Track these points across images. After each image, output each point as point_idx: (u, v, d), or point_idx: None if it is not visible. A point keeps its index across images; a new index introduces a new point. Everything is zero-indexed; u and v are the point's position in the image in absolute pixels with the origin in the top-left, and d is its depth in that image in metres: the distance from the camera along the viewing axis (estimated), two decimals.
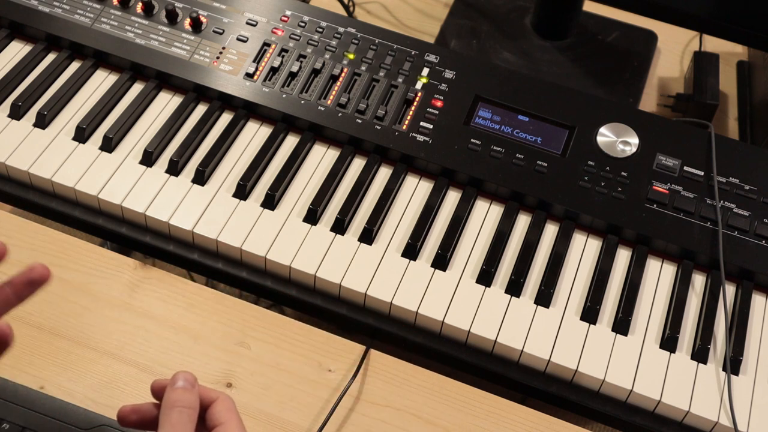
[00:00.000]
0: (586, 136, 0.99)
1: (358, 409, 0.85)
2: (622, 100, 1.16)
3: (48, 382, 0.84)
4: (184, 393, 0.63)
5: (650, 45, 1.24)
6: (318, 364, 0.87)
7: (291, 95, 1.01)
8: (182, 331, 0.89)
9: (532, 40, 1.22)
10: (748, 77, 1.25)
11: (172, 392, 0.62)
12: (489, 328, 0.87)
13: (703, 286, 0.93)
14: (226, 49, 1.04)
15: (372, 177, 0.98)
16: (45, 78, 1.03)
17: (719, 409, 0.84)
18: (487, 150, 0.98)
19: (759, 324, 0.90)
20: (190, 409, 0.62)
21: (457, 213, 0.95)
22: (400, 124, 0.99)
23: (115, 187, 0.94)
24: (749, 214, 0.94)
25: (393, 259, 0.91)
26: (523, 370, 0.87)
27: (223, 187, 0.96)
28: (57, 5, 1.07)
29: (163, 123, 1.00)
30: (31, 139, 0.98)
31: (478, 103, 1.01)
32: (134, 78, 1.05)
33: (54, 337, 0.87)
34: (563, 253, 0.93)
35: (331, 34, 1.06)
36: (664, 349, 0.87)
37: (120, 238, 0.95)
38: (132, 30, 1.05)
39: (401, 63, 1.04)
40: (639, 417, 0.85)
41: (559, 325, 0.88)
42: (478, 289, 0.90)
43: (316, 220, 0.94)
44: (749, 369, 0.87)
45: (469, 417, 0.85)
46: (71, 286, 0.91)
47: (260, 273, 0.92)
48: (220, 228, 0.92)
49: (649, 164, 0.97)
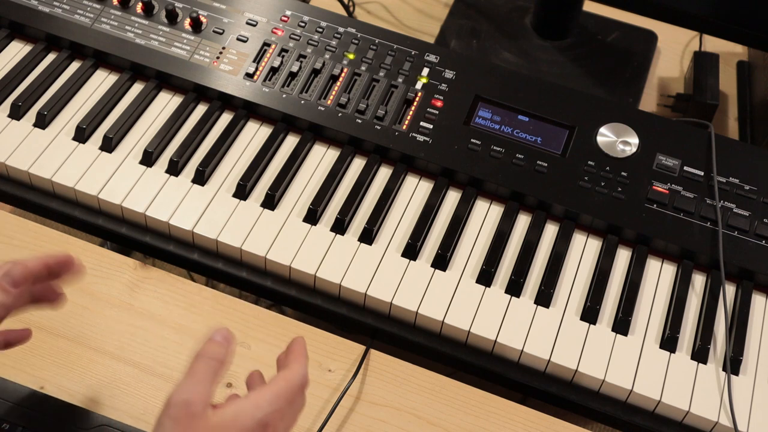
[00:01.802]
0: (586, 136, 0.99)
1: (358, 409, 0.85)
2: (622, 100, 1.16)
3: (48, 382, 0.84)
4: (215, 345, 0.63)
5: (650, 45, 1.24)
6: (318, 364, 0.87)
7: (291, 95, 1.01)
8: (182, 331, 0.89)
9: (532, 40, 1.22)
10: (748, 77, 1.25)
11: (206, 344, 0.63)
12: (489, 328, 0.87)
13: (703, 286, 0.93)
14: (226, 49, 1.04)
15: (372, 177, 0.98)
16: (45, 78, 1.03)
17: (719, 409, 0.84)
18: (487, 150, 0.98)
19: (759, 324, 0.90)
20: (216, 361, 0.62)
21: (457, 213, 0.95)
22: (400, 124, 0.99)
23: (115, 187, 0.94)
24: (749, 214, 0.94)
25: (393, 259, 0.91)
26: (523, 370, 0.87)
27: (223, 187, 0.96)
28: (57, 5, 1.07)
29: (163, 123, 1.00)
30: (31, 139, 0.98)
31: (478, 103, 1.01)
32: (134, 78, 1.05)
33: (54, 337, 0.87)
34: (563, 253, 0.93)
35: (331, 34, 1.06)
36: (664, 349, 0.87)
37: (120, 238, 0.95)
38: (132, 30, 1.05)
39: (401, 63, 1.04)
40: (639, 417, 0.85)
41: (559, 325, 0.88)
42: (478, 289, 0.90)
43: (316, 220, 0.94)
44: (749, 369, 0.87)
45: (469, 417, 0.85)
46: (71, 286, 0.91)
47: (260, 273, 0.92)
48: (220, 228, 0.92)
49: (649, 164, 0.97)
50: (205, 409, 0.59)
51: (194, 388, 0.60)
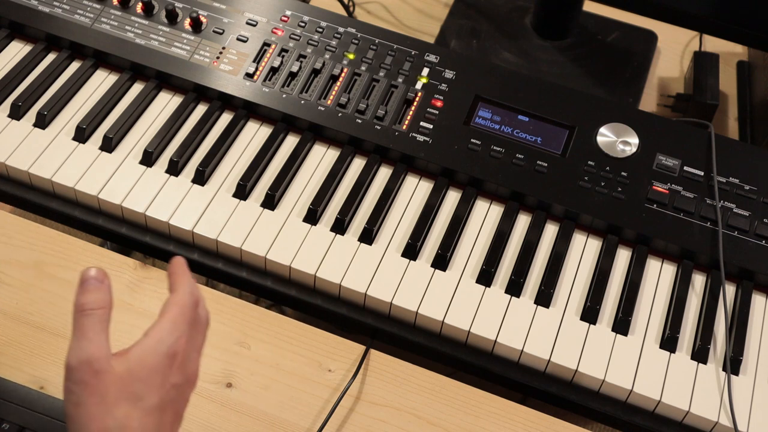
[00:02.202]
0: (586, 136, 0.99)
1: (358, 409, 0.85)
2: (622, 100, 1.16)
3: (48, 382, 0.84)
4: (93, 293, 0.60)
5: (650, 45, 1.24)
6: (318, 364, 0.87)
7: (291, 95, 1.01)
8: None
9: (532, 40, 1.22)
10: (748, 77, 1.25)
11: (82, 294, 0.60)
12: (489, 328, 0.87)
13: (703, 286, 0.93)
14: (226, 49, 1.04)
15: (372, 177, 0.98)
16: (45, 78, 1.03)
17: (719, 409, 0.84)
18: (487, 150, 0.98)
19: (759, 324, 0.90)
20: (100, 309, 0.59)
21: (457, 213, 0.95)
22: (400, 124, 0.99)
23: (115, 187, 0.94)
24: (749, 214, 0.94)
25: (393, 259, 0.91)
26: (523, 370, 0.87)
27: (223, 187, 0.96)
28: (57, 5, 1.07)
29: (163, 123, 1.00)
30: (31, 139, 0.98)
31: (478, 103, 1.01)
32: (134, 78, 1.05)
33: (54, 337, 0.87)
34: (563, 253, 0.93)
35: (331, 34, 1.06)
36: (664, 349, 0.87)
37: (120, 238, 0.95)
38: (132, 30, 1.05)
39: (401, 63, 1.04)
40: (639, 417, 0.85)
41: (559, 325, 0.88)
42: (478, 289, 0.90)
43: (316, 220, 0.94)
44: (749, 369, 0.87)
45: (469, 417, 0.85)
46: (71, 286, 0.90)
47: (260, 273, 0.92)
48: (220, 228, 0.92)
49: (649, 164, 0.97)
50: (108, 361, 0.58)
51: (89, 345, 0.58)
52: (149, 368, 0.59)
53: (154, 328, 0.61)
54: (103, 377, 0.57)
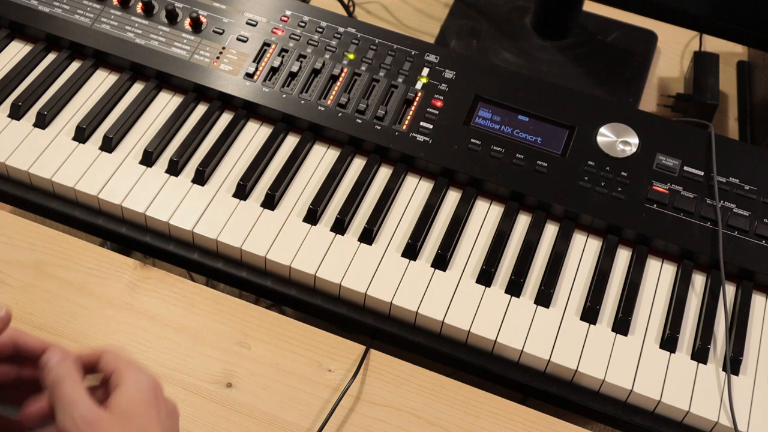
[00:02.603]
0: (586, 136, 0.99)
1: (358, 409, 0.85)
2: (622, 100, 1.16)
3: None
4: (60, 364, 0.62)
5: (650, 45, 1.24)
6: (318, 364, 0.87)
7: (291, 95, 1.01)
8: (182, 331, 0.89)
9: (532, 40, 1.22)
10: (748, 77, 1.25)
11: (49, 373, 0.62)
12: (489, 328, 0.87)
13: (703, 286, 0.93)
14: (226, 49, 1.04)
15: (372, 177, 0.98)
16: (45, 78, 1.03)
17: (719, 409, 0.84)
18: (487, 150, 0.98)
19: (759, 324, 0.90)
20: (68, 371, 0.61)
21: (457, 213, 0.95)
22: (400, 124, 0.99)
23: (115, 187, 0.94)
24: (749, 214, 0.94)
25: (393, 259, 0.91)
26: (523, 370, 0.87)
27: (223, 187, 0.96)
28: (57, 5, 1.07)
29: (163, 123, 1.00)
30: (31, 139, 0.98)
31: (478, 103, 1.01)
32: (134, 78, 1.05)
33: (54, 337, 0.87)
34: (563, 253, 0.93)
35: (331, 34, 1.06)
36: (664, 349, 0.87)
37: (120, 238, 0.95)
38: (132, 30, 1.05)
39: (401, 63, 1.04)
40: (639, 417, 0.85)
41: (559, 325, 0.88)
42: (478, 289, 0.90)
43: (316, 220, 0.94)
44: (749, 369, 0.87)
45: (469, 417, 0.85)
46: (71, 286, 0.91)
47: (260, 273, 0.92)
48: (220, 228, 0.92)
49: (649, 164, 0.97)
50: (98, 411, 0.60)
51: (74, 407, 0.59)
52: (141, 403, 0.61)
53: (123, 377, 0.62)
54: (101, 424, 0.59)
